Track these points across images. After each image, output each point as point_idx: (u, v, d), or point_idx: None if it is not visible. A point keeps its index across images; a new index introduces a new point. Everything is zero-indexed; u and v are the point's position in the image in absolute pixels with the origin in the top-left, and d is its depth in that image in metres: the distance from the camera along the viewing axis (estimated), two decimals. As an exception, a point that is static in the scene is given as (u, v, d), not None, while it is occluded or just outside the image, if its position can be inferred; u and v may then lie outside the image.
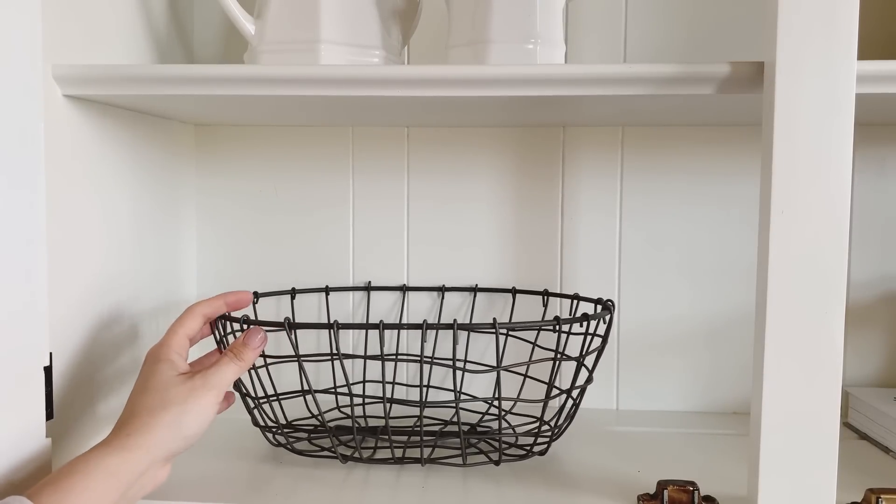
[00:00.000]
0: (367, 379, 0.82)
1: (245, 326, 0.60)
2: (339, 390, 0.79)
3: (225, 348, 0.60)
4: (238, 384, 0.63)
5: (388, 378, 0.82)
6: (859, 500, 0.55)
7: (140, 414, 0.52)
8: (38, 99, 0.54)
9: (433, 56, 0.79)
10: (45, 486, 0.47)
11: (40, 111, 0.54)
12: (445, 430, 0.72)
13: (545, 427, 0.65)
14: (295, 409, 0.71)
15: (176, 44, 0.80)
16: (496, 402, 0.62)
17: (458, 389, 0.61)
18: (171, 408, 0.53)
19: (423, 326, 0.57)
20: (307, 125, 0.84)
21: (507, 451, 0.65)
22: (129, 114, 0.70)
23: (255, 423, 0.65)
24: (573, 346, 0.65)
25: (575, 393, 0.65)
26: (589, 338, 0.64)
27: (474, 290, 0.83)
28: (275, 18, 0.64)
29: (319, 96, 0.58)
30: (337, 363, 0.80)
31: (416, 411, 0.76)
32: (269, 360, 0.62)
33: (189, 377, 0.55)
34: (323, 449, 0.64)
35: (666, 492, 0.54)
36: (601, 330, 0.67)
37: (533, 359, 0.66)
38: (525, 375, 0.72)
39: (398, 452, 0.64)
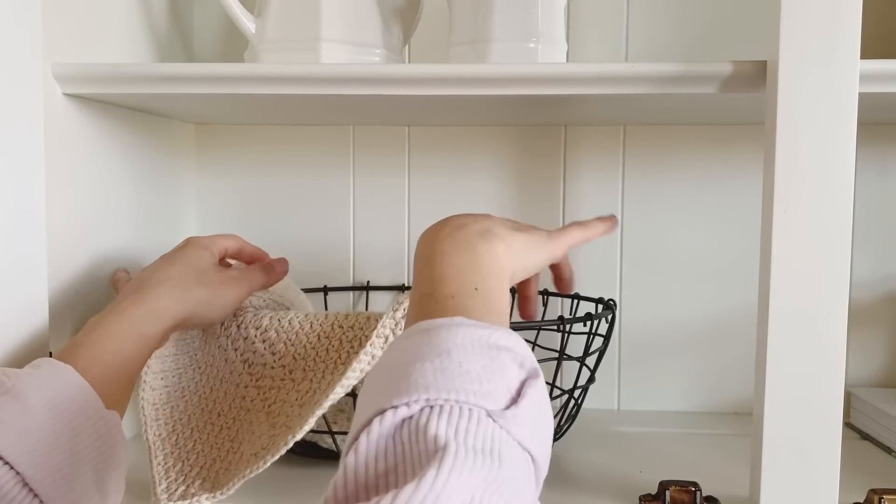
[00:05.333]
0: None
1: None
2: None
3: None
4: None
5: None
6: (861, 501, 0.55)
7: (171, 284, 0.54)
8: (38, 98, 0.54)
9: (434, 55, 0.79)
10: (76, 347, 0.48)
11: (40, 110, 0.54)
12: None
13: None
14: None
15: (176, 42, 0.80)
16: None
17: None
18: (209, 288, 0.56)
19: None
20: (308, 124, 0.84)
21: (508, 452, 0.65)
22: (129, 113, 0.69)
23: (256, 423, 0.65)
24: (573, 346, 0.65)
25: (577, 393, 0.65)
26: (590, 337, 0.64)
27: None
28: (275, 17, 0.64)
29: (320, 95, 0.57)
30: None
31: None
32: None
33: (226, 268, 0.60)
34: (324, 448, 0.64)
35: (668, 492, 0.54)
36: (602, 329, 0.66)
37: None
38: (526, 375, 0.72)
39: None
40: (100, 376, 0.47)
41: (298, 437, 0.51)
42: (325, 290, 0.83)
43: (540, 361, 0.63)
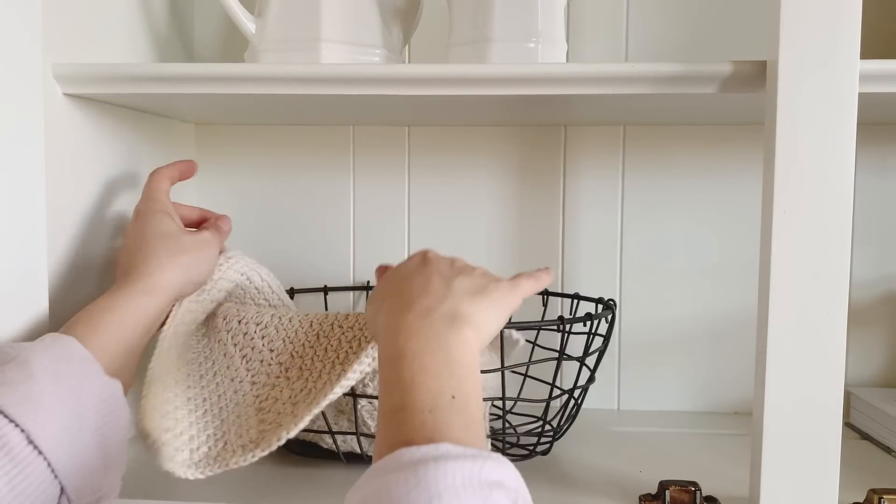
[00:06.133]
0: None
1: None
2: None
3: None
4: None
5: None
6: (861, 501, 0.55)
7: (155, 256, 0.56)
8: (38, 98, 0.54)
9: (434, 55, 0.79)
10: (78, 322, 0.51)
11: (40, 110, 0.54)
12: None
13: (547, 427, 0.64)
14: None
15: (176, 42, 0.80)
16: (498, 402, 0.62)
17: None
18: (189, 253, 0.58)
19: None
20: (308, 124, 0.84)
21: (509, 451, 0.65)
22: (129, 113, 0.69)
23: (256, 423, 0.65)
24: (573, 346, 0.65)
25: (577, 393, 0.65)
26: (590, 337, 0.64)
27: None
28: (276, 17, 0.64)
29: (320, 95, 0.58)
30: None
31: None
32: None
33: (197, 231, 0.62)
34: (325, 448, 0.64)
35: (668, 492, 0.54)
36: (602, 329, 0.66)
37: (533, 358, 0.66)
38: (525, 375, 0.72)
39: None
40: (99, 346, 0.49)
41: (292, 434, 0.51)
42: (325, 290, 0.83)
43: (540, 361, 0.64)
